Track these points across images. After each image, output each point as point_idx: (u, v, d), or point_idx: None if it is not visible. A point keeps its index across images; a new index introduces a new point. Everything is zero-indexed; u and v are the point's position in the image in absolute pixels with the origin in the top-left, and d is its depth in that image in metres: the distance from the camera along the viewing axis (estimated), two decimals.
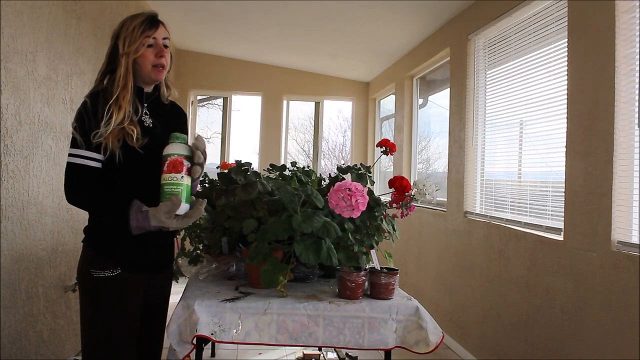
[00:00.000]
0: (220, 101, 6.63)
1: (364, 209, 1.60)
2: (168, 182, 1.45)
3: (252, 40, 5.33)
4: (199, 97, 6.62)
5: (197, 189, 2.18)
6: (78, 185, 1.49)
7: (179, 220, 1.44)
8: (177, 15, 4.75)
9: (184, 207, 1.45)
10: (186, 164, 1.48)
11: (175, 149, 1.48)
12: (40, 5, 2.47)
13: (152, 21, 1.56)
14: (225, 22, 4.82)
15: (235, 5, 4.28)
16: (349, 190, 1.58)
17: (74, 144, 1.49)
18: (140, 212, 1.43)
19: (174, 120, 1.72)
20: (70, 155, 1.49)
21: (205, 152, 1.52)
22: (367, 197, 1.62)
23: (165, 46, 1.58)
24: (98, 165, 1.50)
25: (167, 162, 1.47)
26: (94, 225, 1.58)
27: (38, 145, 2.51)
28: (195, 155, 1.49)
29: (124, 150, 1.50)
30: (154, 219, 1.42)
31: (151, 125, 1.61)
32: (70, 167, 1.49)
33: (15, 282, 2.33)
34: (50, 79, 2.61)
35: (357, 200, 1.57)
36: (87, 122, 1.48)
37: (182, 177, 1.47)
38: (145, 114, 1.62)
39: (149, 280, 1.63)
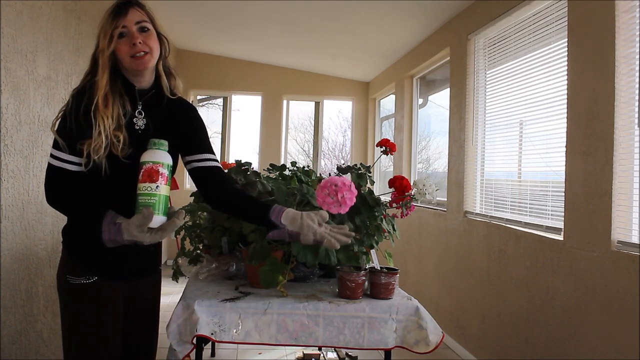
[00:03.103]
0: (220, 101, 6.63)
1: (352, 204, 1.53)
2: (142, 192, 1.33)
3: (252, 40, 5.33)
4: (199, 97, 6.62)
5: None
6: (56, 188, 1.40)
7: (153, 233, 1.31)
8: (177, 15, 4.75)
9: (157, 220, 1.32)
10: (163, 172, 1.34)
11: (151, 156, 1.35)
12: (40, 5, 2.47)
13: (119, 8, 1.39)
14: (225, 21, 4.82)
15: (235, 5, 4.28)
16: (335, 185, 1.52)
17: (55, 144, 1.39)
18: (113, 224, 1.32)
19: (174, 118, 1.53)
20: (50, 155, 1.40)
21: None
22: (355, 192, 1.54)
23: (144, 29, 1.41)
24: (78, 169, 1.39)
25: (142, 170, 1.34)
26: (70, 228, 1.48)
27: (38, 145, 2.51)
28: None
29: (109, 159, 1.38)
30: (126, 233, 1.30)
31: (143, 128, 1.46)
32: (49, 168, 1.40)
33: (15, 282, 2.33)
34: (50, 78, 2.61)
35: (343, 196, 1.50)
36: (68, 123, 1.37)
37: (158, 187, 1.33)
38: (139, 113, 1.46)
39: (129, 288, 1.53)
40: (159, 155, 1.36)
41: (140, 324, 1.59)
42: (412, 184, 1.91)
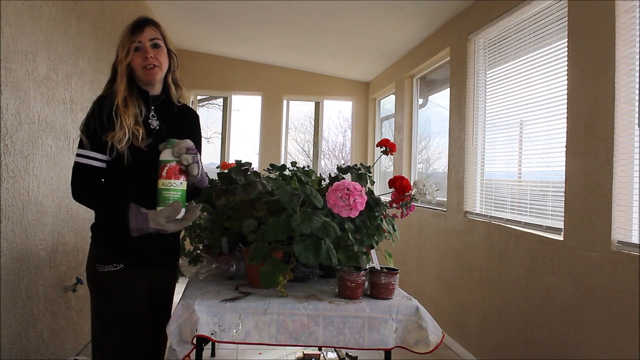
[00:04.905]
0: (220, 101, 6.63)
1: (362, 208, 1.60)
2: (168, 188, 1.52)
3: (252, 40, 5.33)
4: (199, 97, 6.62)
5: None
6: (82, 184, 1.57)
7: (177, 223, 1.53)
8: (177, 15, 4.75)
9: (181, 212, 1.54)
10: (183, 169, 1.55)
11: (173, 156, 1.54)
12: (40, 5, 2.47)
13: (137, 25, 1.62)
14: (225, 22, 4.82)
15: (236, 5, 4.28)
16: (347, 189, 1.58)
17: (80, 144, 1.58)
18: (140, 213, 1.51)
19: (182, 122, 1.75)
20: (76, 155, 1.58)
21: (189, 148, 1.53)
22: (366, 197, 1.61)
23: (156, 46, 1.63)
24: (102, 165, 1.58)
25: (166, 168, 1.53)
26: (99, 222, 1.66)
27: (38, 145, 2.51)
28: (182, 159, 1.53)
29: (131, 151, 1.57)
30: (153, 222, 1.50)
31: (157, 128, 1.66)
32: (75, 166, 1.57)
33: (15, 282, 2.33)
34: (50, 79, 2.61)
35: (355, 200, 1.56)
36: (92, 124, 1.56)
37: (181, 183, 1.54)
38: (153, 116, 1.67)
39: (152, 276, 1.69)
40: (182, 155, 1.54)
41: (158, 311, 1.74)
42: (412, 184, 1.91)
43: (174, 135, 1.62)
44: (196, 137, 1.77)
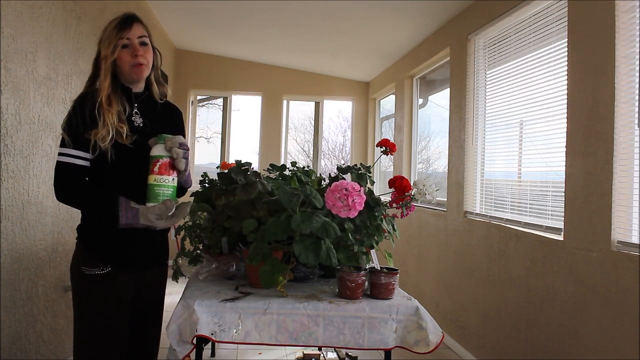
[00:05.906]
0: (220, 101, 6.63)
1: (361, 208, 1.59)
2: (160, 184, 1.49)
3: (252, 40, 5.33)
4: (199, 97, 6.61)
5: (197, 189, 2.19)
6: (66, 182, 1.53)
7: (167, 220, 1.49)
8: (177, 15, 4.75)
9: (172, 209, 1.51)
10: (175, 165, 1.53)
11: (165, 151, 1.51)
12: (40, 5, 2.47)
13: (124, 22, 1.59)
14: (225, 22, 4.82)
15: (236, 5, 4.28)
16: (346, 190, 1.57)
17: (62, 143, 1.54)
18: (130, 209, 1.47)
19: (166, 119, 1.73)
20: (59, 154, 1.53)
21: (182, 143, 1.53)
22: (364, 197, 1.61)
23: (144, 44, 1.60)
24: (85, 163, 1.54)
25: (159, 163, 1.50)
26: (85, 224, 1.63)
27: (38, 145, 2.51)
28: (172, 152, 1.51)
29: (115, 149, 1.53)
30: (143, 218, 1.47)
31: (141, 125, 1.64)
32: (58, 166, 1.53)
33: (15, 282, 2.33)
34: (50, 79, 2.61)
35: (353, 200, 1.56)
36: (74, 122, 1.52)
37: (173, 179, 1.52)
38: (136, 113, 1.64)
39: (140, 278, 1.66)
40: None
41: (148, 313, 1.71)
42: (412, 184, 1.90)
43: (158, 132, 1.59)
44: (180, 134, 1.73)
